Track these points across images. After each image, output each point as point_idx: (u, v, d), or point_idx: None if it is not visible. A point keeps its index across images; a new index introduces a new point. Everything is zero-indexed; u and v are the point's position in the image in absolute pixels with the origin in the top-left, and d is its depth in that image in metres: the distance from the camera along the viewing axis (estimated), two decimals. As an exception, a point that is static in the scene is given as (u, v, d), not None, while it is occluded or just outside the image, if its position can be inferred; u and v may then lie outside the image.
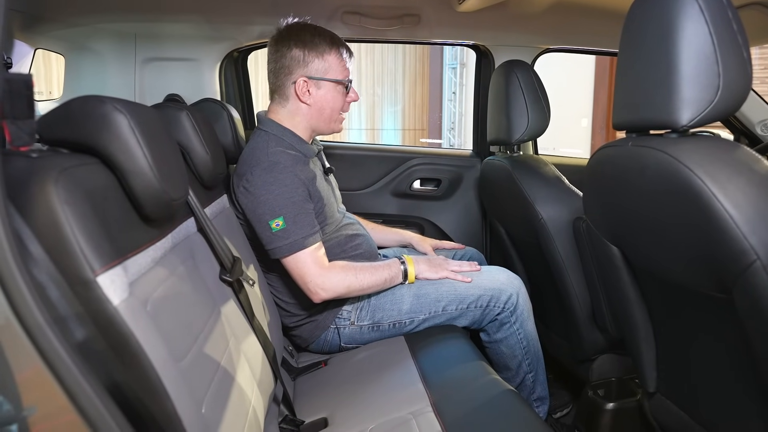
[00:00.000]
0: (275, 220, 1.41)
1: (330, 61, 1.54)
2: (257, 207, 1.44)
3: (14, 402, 0.63)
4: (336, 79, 1.56)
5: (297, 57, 1.52)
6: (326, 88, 1.55)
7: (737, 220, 0.80)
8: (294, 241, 1.43)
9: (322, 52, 1.53)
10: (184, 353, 0.85)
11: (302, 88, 1.54)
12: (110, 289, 0.70)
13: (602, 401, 1.54)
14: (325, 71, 1.54)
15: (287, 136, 1.56)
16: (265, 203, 1.42)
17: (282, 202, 1.42)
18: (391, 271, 1.57)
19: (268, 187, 1.42)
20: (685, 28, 0.88)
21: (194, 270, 1.04)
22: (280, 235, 1.42)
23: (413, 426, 1.16)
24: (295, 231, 1.42)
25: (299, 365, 1.61)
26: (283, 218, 1.41)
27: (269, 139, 1.54)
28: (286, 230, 1.42)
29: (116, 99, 0.83)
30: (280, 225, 1.41)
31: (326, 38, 1.54)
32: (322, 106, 1.57)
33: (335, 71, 1.55)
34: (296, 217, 1.43)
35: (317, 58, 1.53)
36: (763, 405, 0.94)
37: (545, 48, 2.29)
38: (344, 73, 1.57)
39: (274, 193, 1.42)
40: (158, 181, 0.84)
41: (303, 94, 1.54)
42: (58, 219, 0.67)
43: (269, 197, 1.42)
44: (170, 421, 0.74)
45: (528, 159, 1.77)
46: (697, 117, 0.90)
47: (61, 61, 2.25)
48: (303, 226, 1.44)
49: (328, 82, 1.55)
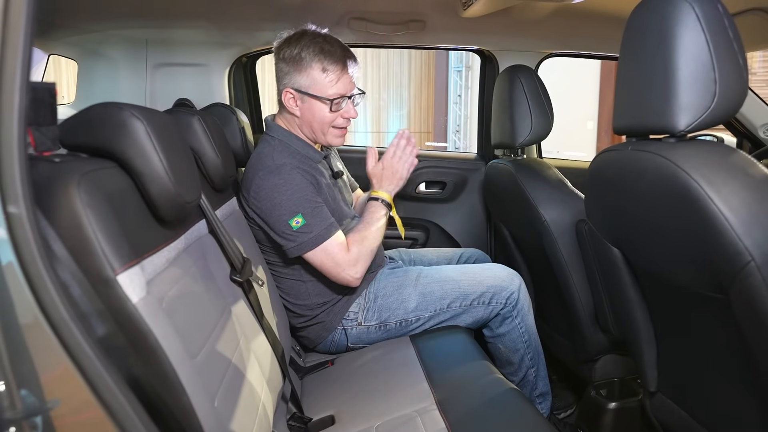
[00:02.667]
0: (294, 218, 1.44)
1: (314, 78, 1.51)
2: (273, 210, 1.46)
3: (38, 395, 0.67)
4: (318, 96, 1.52)
5: (283, 68, 1.54)
6: (310, 102, 1.54)
7: (732, 223, 0.82)
8: (318, 233, 1.45)
9: (305, 67, 1.50)
10: (197, 350, 0.88)
11: (288, 100, 1.56)
12: (129, 287, 0.73)
13: (605, 401, 1.56)
14: (308, 86, 1.52)
15: (293, 141, 1.60)
16: (281, 205, 1.45)
17: (296, 200, 1.45)
18: (379, 212, 1.59)
19: (279, 189, 1.45)
20: (683, 35, 0.90)
21: (206, 270, 1.07)
22: (304, 230, 1.44)
23: (418, 423, 1.19)
24: (317, 224, 1.45)
25: (306, 365, 1.64)
26: (301, 215, 1.44)
27: (275, 144, 1.57)
28: (308, 225, 1.44)
29: (133, 106, 0.87)
30: (300, 222, 1.44)
31: (312, 51, 1.50)
32: (308, 119, 1.57)
33: (319, 88, 1.52)
34: (314, 210, 1.46)
35: (300, 72, 1.51)
36: (762, 404, 0.96)
37: (549, 53, 2.31)
38: (331, 90, 1.52)
39: (287, 194, 1.45)
40: (173, 185, 0.88)
41: (290, 105, 1.56)
42: (81, 221, 0.71)
43: (283, 198, 1.45)
44: (186, 414, 0.77)
45: (531, 162, 1.79)
46: (695, 122, 0.92)
47: (73, 66, 2.29)
48: (323, 219, 1.47)
49: (310, 97, 1.53)
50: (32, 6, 0.62)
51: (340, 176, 1.77)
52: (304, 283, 1.60)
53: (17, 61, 0.61)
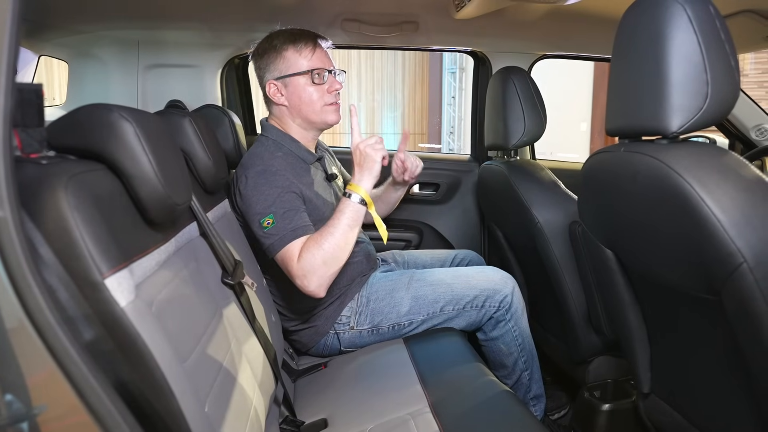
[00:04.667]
0: (266, 218, 1.43)
1: (288, 58, 1.56)
2: (250, 207, 1.46)
3: (24, 401, 0.66)
4: (298, 72, 1.56)
5: (259, 65, 1.59)
6: (293, 84, 1.57)
7: (724, 224, 0.82)
8: (282, 235, 1.42)
9: (279, 53, 1.56)
10: (187, 354, 0.87)
11: (273, 92, 1.59)
12: (117, 291, 0.72)
13: (598, 402, 1.56)
14: (285, 69, 1.56)
15: (286, 141, 1.60)
16: (257, 203, 1.45)
17: (272, 200, 1.44)
18: (345, 212, 1.44)
19: (260, 188, 1.45)
20: (675, 37, 0.90)
21: (197, 273, 1.06)
22: (272, 232, 1.43)
23: (411, 426, 1.18)
24: (283, 226, 1.43)
25: (299, 368, 1.63)
26: (272, 215, 1.43)
27: (269, 144, 1.58)
28: (276, 227, 1.42)
29: (123, 107, 0.86)
30: (270, 223, 1.42)
31: (282, 38, 1.57)
32: (296, 103, 1.59)
33: (295, 65, 1.56)
34: (285, 213, 1.44)
35: (275, 59, 1.56)
36: (754, 405, 0.96)
37: (542, 54, 2.32)
38: (307, 63, 1.56)
39: (266, 193, 1.45)
40: (163, 187, 0.87)
41: (275, 97, 1.60)
42: (68, 224, 0.70)
43: (260, 197, 1.44)
44: (176, 419, 0.76)
45: (525, 164, 1.80)
46: (687, 123, 0.92)
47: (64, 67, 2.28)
48: (291, 221, 1.43)
49: (292, 77, 1.56)
50: (18, 5, 0.61)
51: (335, 179, 1.76)
52: (295, 287, 1.59)
53: (2, 62, 0.60)
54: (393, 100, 9.30)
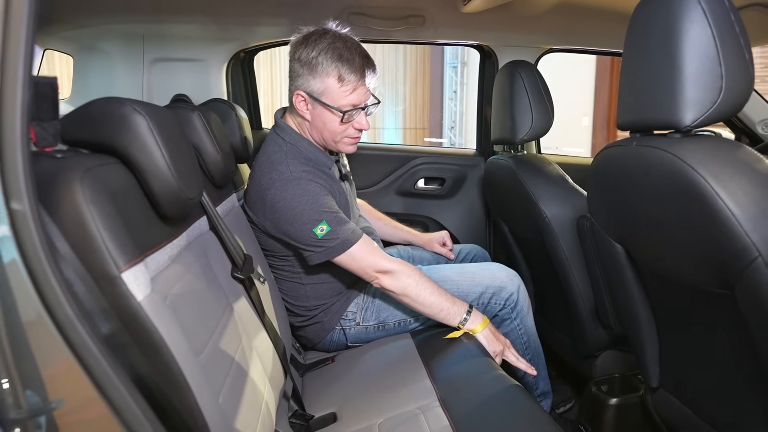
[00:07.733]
0: (319, 226, 1.41)
1: (328, 85, 1.44)
2: (295, 220, 1.42)
3: (41, 394, 0.66)
4: (330, 105, 1.45)
5: (297, 69, 1.46)
6: (321, 110, 1.47)
7: (739, 218, 0.82)
8: (345, 239, 1.43)
9: (321, 73, 1.43)
10: (201, 348, 0.88)
11: (299, 102, 1.49)
12: (134, 284, 0.72)
13: (606, 397, 1.56)
14: (320, 93, 1.45)
15: (303, 146, 1.54)
16: (303, 214, 1.42)
17: (318, 208, 1.42)
18: (454, 306, 1.50)
19: (299, 199, 1.42)
20: (689, 30, 0.90)
21: (208, 267, 1.06)
22: (330, 237, 1.42)
23: (421, 420, 1.18)
24: (342, 229, 1.43)
25: (307, 362, 1.63)
26: (326, 222, 1.41)
27: (287, 150, 1.51)
28: (333, 231, 1.42)
29: (135, 101, 0.85)
30: (325, 229, 1.41)
31: (332, 59, 1.42)
32: (319, 125, 1.50)
33: (332, 96, 1.45)
34: (336, 216, 1.44)
35: (315, 77, 1.44)
36: (764, 397, 0.96)
37: (548, 48, 2.31)
38: (344, 100, 1.45)
39: (308, 203, 1.42)
40: (176, 181, 0.87)
41: (299, 107, 1.49)
42: (84, 218, 0.69)
43: (305, 208, 1.42)
44: (191, 412, 0.76)
45: (532, 158, 1.79)
46: (701, 117, 0.92)
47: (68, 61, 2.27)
48: (345, 223, 1.45)
49: (322, 105, 1.47)
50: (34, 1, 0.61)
51: (348, 178, 1.74)
52: (303, 286, 1.59)
53: (19, 57, 0.60)
54: (395, 95, 9.28)
